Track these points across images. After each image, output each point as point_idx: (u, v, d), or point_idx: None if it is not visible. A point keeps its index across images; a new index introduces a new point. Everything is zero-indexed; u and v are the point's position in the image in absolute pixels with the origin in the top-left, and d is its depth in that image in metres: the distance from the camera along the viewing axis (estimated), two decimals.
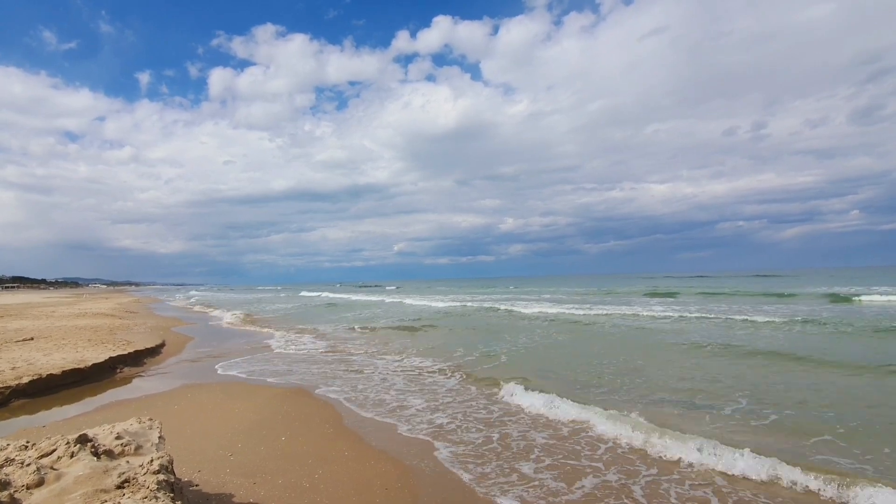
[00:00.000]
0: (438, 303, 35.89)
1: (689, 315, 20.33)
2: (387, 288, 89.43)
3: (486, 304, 31.24)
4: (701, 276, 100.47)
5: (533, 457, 6.02)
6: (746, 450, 5.51)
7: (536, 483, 5.31)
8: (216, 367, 12.25)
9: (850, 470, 5.31)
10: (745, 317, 19.06)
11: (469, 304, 33.27)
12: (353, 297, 52.98)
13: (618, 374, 10.22)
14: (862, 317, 18.65)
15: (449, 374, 10.88)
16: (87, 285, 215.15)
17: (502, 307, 27.88)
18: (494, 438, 6.67)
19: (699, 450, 5.74)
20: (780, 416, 7.22)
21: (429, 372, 11.19)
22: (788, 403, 7.77)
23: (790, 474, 5.10)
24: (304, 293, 70.55)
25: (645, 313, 21.94)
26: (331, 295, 59.02)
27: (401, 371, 11.39)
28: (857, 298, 27.29)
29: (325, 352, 14.56)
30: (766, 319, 17.99)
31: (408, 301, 40.25)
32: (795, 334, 15.04)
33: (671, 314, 21.04)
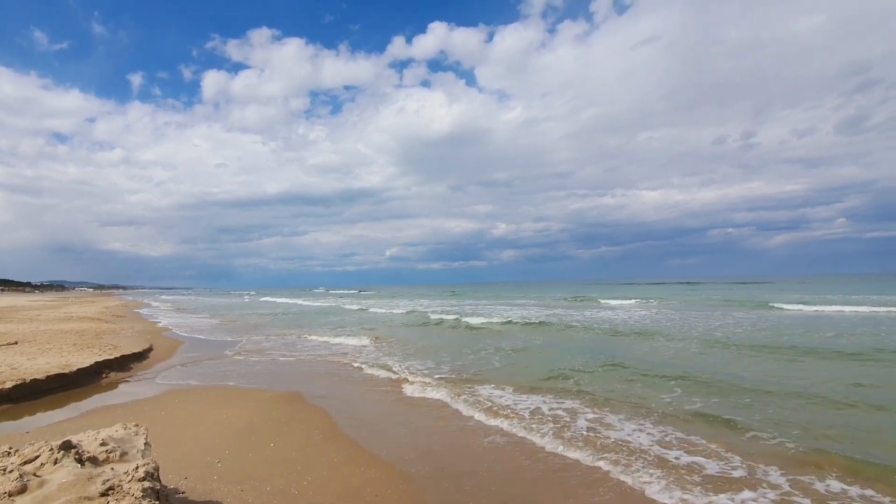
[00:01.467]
0: (394, 310, 35.25)
1: (576, 325, 22.06)
2: (363, 293, 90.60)
3: (443, 314, 29.93)
4: (685, 283, 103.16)
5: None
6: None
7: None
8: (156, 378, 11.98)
9: None
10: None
11: (422, 311, 32.92)
12: (312, 302, 53.39)
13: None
14: (754, 326, 19.52)
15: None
16: (74, 288, 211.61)
17: (454, 317, 26.67)
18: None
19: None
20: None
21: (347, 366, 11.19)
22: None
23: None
24: (266, 298, 70.83)
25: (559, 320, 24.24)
26: (286, 300, 59.90)
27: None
28: (782, 307, 29.01)
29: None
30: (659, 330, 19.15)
31: (353, 307, 40.71)
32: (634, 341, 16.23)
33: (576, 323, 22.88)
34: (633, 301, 39.14)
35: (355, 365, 12.89)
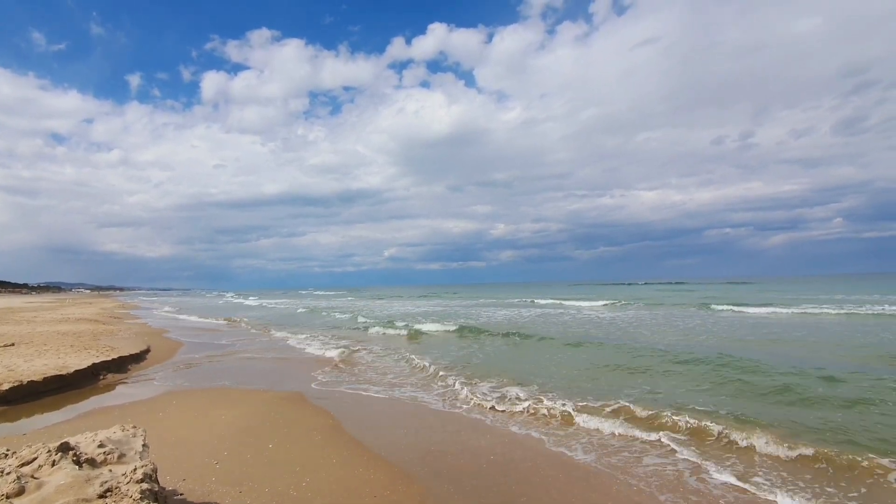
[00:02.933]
0: (339, 314, 33.92)
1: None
2: (347, 295, 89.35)
3: (376, 318, 28.71)
4: (673, 284, 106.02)
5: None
6: None
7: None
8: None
9: None
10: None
11: (359, 313, 32.83)
12: (278, 303, 55.15)
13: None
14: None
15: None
16: (71, 290, 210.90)
17: (402, 323, 24.32)
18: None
19: None
20: None
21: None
22: None
23: None
24: (240, 301, 71.49)
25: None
26: (256, 303, 61.00)
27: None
28: (720, 308, 29.15)
29: None
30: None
31: (298, 310, 41.00)
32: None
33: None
34: (600, 303, 38.44)
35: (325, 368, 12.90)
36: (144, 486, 3.27)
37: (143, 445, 4.04)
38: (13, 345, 14.24)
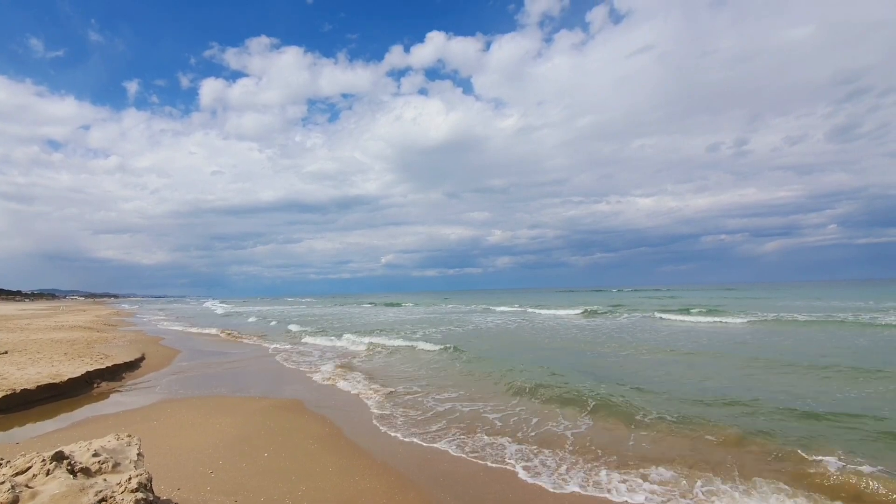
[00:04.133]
0: (289, 324, 33.09)
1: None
2: (328, 303, 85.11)
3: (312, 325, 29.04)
4: (660, 289, 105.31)
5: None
6: None
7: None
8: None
9: None
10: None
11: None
12: (239, 310, 57.98)
13: None
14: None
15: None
16: (65, 297, 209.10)
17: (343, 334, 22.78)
18: None
19: None
20: None
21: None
22: None
23: None
24: (212, 305, 76.37)
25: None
26: (231, 309, 63.53)
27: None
28: (664, 317, 28.54)
29: None
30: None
31: (249, 319, 40.92)
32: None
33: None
34: (574, 312, 36.40)
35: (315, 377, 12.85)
36: (139, 495, 3.26)
37: (138, 454, 4.02)
38: (6, 353, 14.12)
